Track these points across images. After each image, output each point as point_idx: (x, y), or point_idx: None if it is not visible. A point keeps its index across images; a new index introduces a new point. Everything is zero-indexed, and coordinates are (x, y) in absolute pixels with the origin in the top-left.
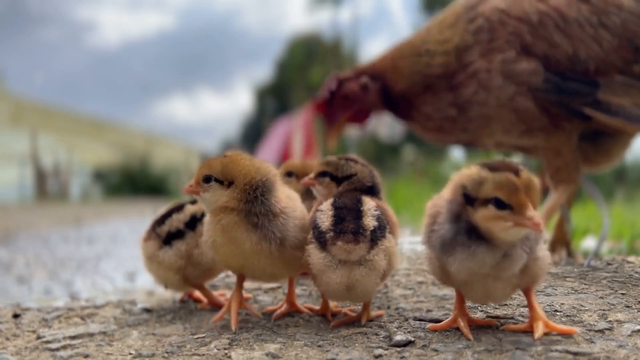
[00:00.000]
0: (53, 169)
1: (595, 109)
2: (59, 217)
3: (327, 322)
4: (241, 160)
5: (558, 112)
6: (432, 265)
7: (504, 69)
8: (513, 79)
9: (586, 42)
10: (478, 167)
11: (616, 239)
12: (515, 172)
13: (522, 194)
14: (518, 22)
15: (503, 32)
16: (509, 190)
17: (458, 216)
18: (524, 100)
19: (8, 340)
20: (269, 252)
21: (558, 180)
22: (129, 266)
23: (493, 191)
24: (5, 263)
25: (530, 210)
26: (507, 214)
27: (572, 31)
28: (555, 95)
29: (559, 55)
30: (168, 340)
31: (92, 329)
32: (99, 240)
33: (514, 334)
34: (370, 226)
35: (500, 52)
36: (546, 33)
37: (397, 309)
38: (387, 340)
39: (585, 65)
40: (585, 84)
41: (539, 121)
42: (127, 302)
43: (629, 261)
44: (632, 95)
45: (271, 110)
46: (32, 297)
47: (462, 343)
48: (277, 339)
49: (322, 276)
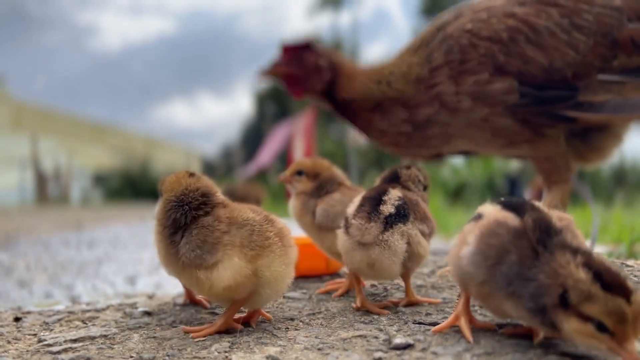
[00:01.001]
0: (54, 173)
1: (579, 110)
2: (60, 220)
3: (328, 325)
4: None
5: (541, 122)
6: (465, 281)
7: (476, 90)
8: (487, 100)
9: (561, 49)
10: (589, 276)
11: (615, 242)
12: (628, 295)
13: (630, 325)
14: (489, 43)
15: (475, 54)
16: (617, 319)
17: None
18: (500, 119)
19: (9, 344)
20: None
21: (551, 182)
22: (129, 270)
23: (600, 315)
24: (6, 267)
25: (632, 344)
26: (606, 338)
27: (544, 41)
28: (536, 107)
29: (534, 69)
30: (169, 344)
31: (93, 332)
32: (99, 244)
33: (513, 337)
34: (386, 212)
35: (472, 74)
36: (518, 49)
37: (397, 312)
38: (387, 344)
39: (562, 73)
40: (565, 89)
41: (520, 135)
42: (127, 306)
43: (628, 265)
44: (614, 90)
45: (271, 115)
46: (33, 300)
47: (461, 346)
48: (278, 342)
49: (347, 256)
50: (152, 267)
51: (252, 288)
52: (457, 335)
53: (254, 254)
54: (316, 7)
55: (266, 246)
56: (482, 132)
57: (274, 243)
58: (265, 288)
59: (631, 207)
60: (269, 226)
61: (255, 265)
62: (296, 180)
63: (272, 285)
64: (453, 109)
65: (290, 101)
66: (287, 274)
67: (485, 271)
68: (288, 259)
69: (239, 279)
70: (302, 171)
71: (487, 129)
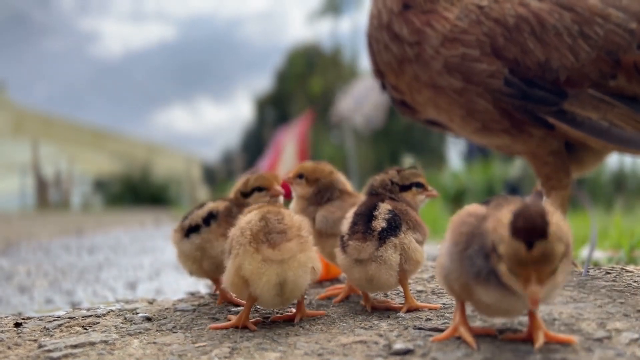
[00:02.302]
0: (54, 179)
1: (559, 119)
2: (60, 226)
3: (328, 330)
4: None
5: (520, 118)
6: (448, 279)
7: (458, 62)
8: (465, 74)
9: (561, 51)
10: (507, 222)
11: (615, 248)
12: (532, 242)
13: (531, 269)
14: (494, 24)
15: (477, 30)
16: (517, 262)
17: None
18: (478, 99)
19: (9, 350)
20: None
21: (550, 187)
22: (130, 275)
23: (505, 258)
24: (7, 272)
25: (535, 286)
26: (514, 279)
27: (547, 39)
28: (519, 101)
29: (529, 61)
30: (169, 349)
31: (94, 338)
32: (100, 250)
33: (513, 343)
34: (378, 227)
35: (465, 46)
36: (520, 38)
37: (397, 317)
38: (387, 349)
39: (556, 74)
40: (552, 92)
41: (498, 123)
42: (128, 311)
43: (627, 270)
44: (601, 110)
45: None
46: (33, 306)
47: (461, 351)
48: (278, 347)
49: (346, 273)
50: (152, 272)
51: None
52: (457, 341)
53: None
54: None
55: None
56: (454, 107)
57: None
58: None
59: (631, 212)
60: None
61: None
62: (297, 183)
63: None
64: (425, 62)
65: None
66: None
67: (458, 259)
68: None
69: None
70: (302, 174)
71: (461, 105)
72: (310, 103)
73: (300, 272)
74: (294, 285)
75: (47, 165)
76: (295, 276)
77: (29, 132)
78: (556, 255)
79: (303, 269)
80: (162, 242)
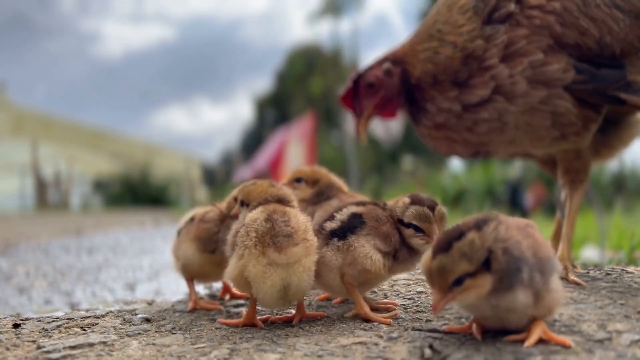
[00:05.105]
0: (54, 179)
1: (629, 92)
2: (60, 227)
3: (328, 332)
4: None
5: (593, 105)
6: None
7: (532, 74)
8: (545, 83)
9: (608, 23)
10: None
11: (615, 249)
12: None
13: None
14: (543, 14)
15: (530, 26)
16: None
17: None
18: (560, 102)
19: (8, 351)
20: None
21: (577, 181)
22: (129, 276)
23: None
24: (6, 273)
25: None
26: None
27: (593, 13)
28: (591, 84)
29: (589, 41)
30: (168, 350)
31: (92, 339)
32: (99, 251)
33: (513, 343)
34: (328, 228)
35: (524, 55)
36: (573, 19)
37: (397, 319)
38: (387, 350)
39: (611, 48)
40: (615, 67)
41: (574, 125)
42: (127, 312)
43: (628, 271)
44: None
45: (271, 121)
46: (32, 307)
47: (461, 353)
48: (277, 349)
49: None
50: (151, 273)
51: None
52: (458, 342)
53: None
54: (316, 15)
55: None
56: (543, 120)
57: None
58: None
59: (631, 213)
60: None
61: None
62: (295, 187)
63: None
64: (509, 93)
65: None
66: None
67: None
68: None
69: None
70: (301, 178)
71: (547, 116)
72: (310, 104)
73: (305, 277)
74: (298, 289)
75: (47, 166)
76: (300, 280)
77: (28, 133)
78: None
79: (307, 273)
80: (162, 243)
